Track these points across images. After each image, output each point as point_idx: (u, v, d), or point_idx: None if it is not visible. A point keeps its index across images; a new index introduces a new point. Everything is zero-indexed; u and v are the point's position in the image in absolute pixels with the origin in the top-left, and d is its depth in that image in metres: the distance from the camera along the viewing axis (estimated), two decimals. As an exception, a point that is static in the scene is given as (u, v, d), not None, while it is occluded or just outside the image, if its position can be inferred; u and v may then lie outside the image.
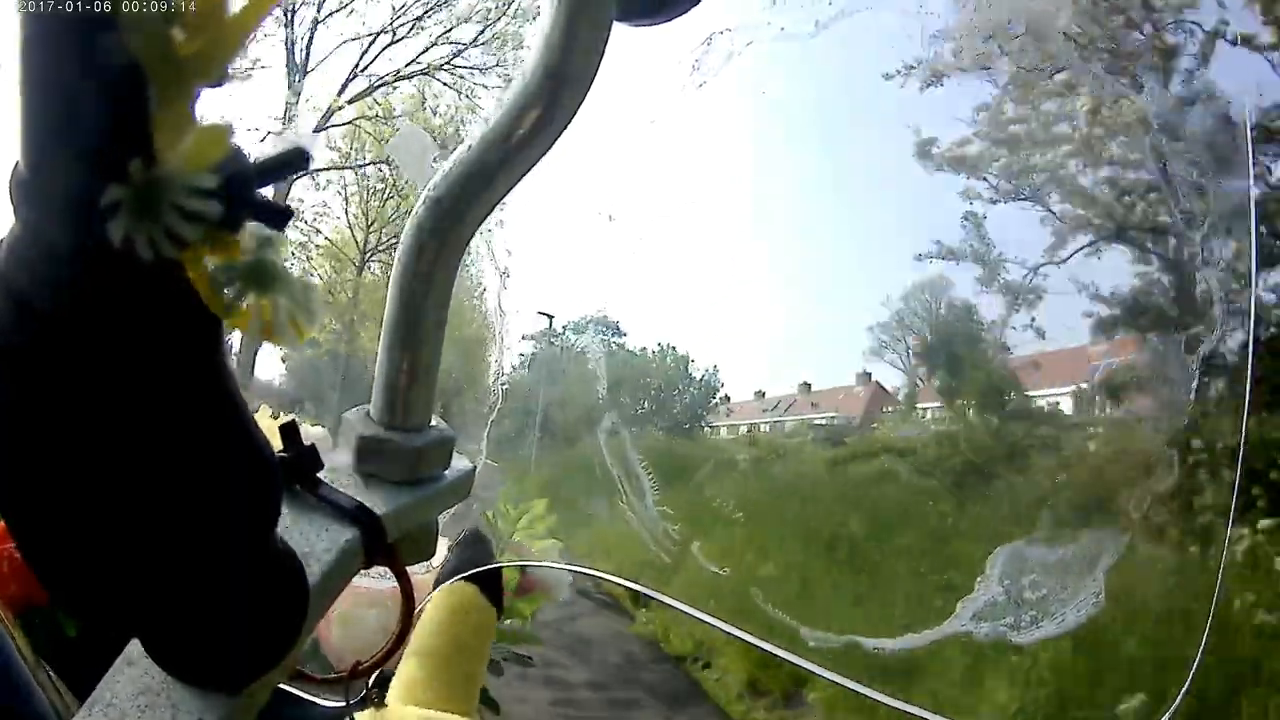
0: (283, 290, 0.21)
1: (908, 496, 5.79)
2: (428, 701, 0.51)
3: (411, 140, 0.52)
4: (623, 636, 5.51)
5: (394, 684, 0.53)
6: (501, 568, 0.60)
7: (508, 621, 0.74)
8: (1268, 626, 3.15)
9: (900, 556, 4.82)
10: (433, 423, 0.42)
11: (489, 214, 0.39)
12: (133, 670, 0.32)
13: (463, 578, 0.57)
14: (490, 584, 0.58)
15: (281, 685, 0.41)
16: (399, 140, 0.53)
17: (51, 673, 0.45)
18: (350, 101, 8.40)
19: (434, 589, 0.57)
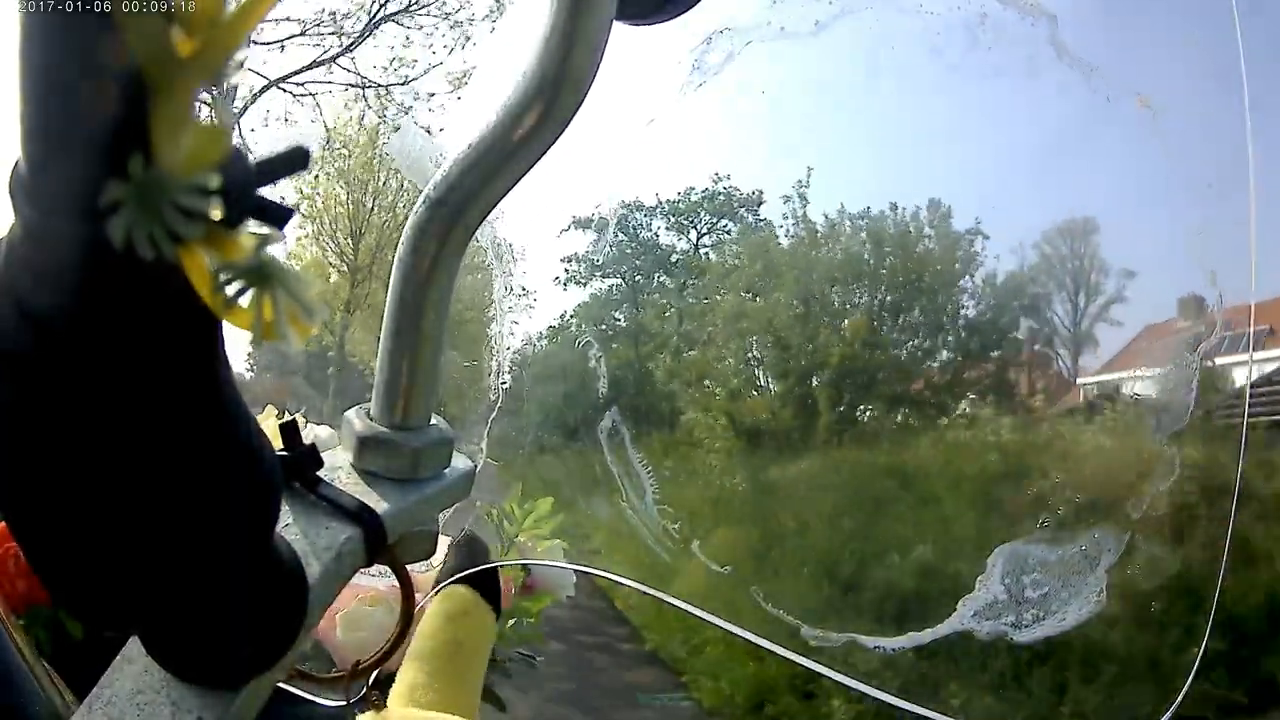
0: (283, 289, 0.21)
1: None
2: (429, 704, 0.51)
3: (410, 140, 0.52)
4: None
5: (395, 688, 0.53)
6: (498, 569, 0.60)
7: (510, 622, 0.73)
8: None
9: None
10: (433, 421, 0.42)
11: (489, 214, 0.39)
12: (132, 668, 0.33)
13: (459, 580, 0.57)
14: (488, 585, 0.58)
15: (281, 684, 0.41)
16: (398, 140, 0.53)
17: (52, 672, 0.45)
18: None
19: (433, 591, 0.57)
